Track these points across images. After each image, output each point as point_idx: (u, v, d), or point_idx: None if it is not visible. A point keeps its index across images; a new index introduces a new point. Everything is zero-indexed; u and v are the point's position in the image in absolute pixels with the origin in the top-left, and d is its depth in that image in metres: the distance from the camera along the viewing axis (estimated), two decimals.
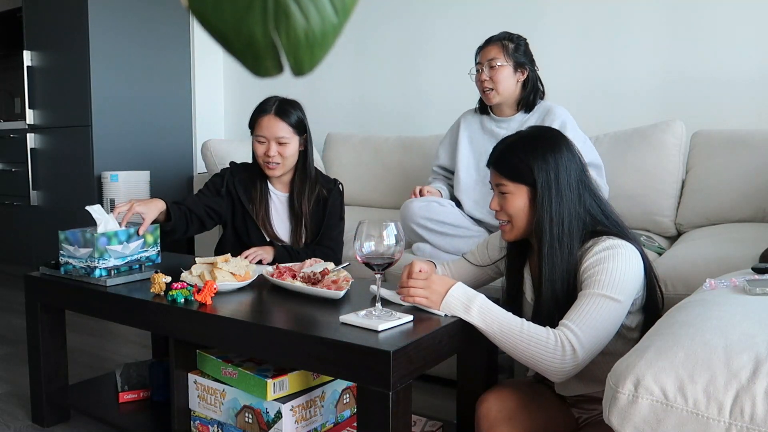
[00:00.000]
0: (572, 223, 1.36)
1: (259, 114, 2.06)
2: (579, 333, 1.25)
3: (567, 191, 1.36)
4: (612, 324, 1.29)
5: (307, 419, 1.49)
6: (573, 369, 1.26)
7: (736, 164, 2.29)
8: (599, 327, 1.26)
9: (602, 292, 1.27)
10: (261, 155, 2.05)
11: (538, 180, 1.36)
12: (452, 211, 2.17)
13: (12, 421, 1.97)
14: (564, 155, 1.38)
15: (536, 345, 1.26)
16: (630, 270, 1.30)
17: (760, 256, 1.52)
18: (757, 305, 0.99)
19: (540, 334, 1.26)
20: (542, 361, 1.26)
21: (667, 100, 2.72)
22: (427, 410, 1.83)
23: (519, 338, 1.27)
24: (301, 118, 2.09)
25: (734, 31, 2.58)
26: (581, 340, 1.25)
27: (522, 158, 1.37)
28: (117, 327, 2.91)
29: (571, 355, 1.24)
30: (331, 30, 0.33)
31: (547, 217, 1.35)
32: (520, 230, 1.42)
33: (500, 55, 2.18)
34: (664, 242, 2.31)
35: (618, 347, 1.36)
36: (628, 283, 1.30)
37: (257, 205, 2.10)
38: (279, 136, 2.03)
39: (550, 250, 1.35)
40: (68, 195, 3.68)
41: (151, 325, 1.67)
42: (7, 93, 4.08)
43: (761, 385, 0.78)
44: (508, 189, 1.40)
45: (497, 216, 1.45)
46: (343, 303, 1.52)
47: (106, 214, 1.80)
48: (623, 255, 1.31)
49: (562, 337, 1.25)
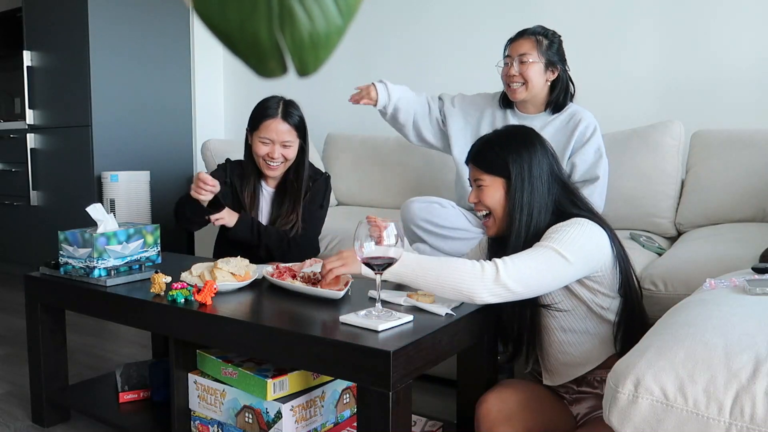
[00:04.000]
0: (541, 213, 1.44)
1: (264, 116, 2.06)
2: (509, 261, 1.31)
3: (538, 183, 1.44)
4: (552, 274, 1.31)
5: (307, 419, 1.49)
6: (496, 287, 1.28)
7: (736, 164, 2.30)
8: (535, 267, 1.30)
9: (551, 245, 1.33)
10: (263, 155, 2.07)
11: (513, 172, 1.44)
12: (452, 213, 2.16)
13: (12, 421, 1.97)
14: (537, 150, 1.47)
15: (456, 267, 1.30)
16: (587, 239, 1.35)
17: (760, 256, 1.52)
18: (757, 305, 0.99)
19: (459, 260, 1.33)
20: (462, 281, 1.29)
21: (666, 100, 2.72)
22: (427, 410, 1.83)
23: (440, 267, 1.31)
24: (303, 119, 2.12)
25: (734, 31, 2.58)
26: (508, 265, 1.29)
27: (498, 152, 1.47)
28: (117, 327, 2.91)
29: (492, 272, 1.28)
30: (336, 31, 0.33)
31: (518, 207, 1.43)
32: (500, 221, 1.49)
33: (533, 51, 2.09)
34: (664, 242, 2.31)
35: (594, 327, 1.42)
36: (581, 249, 1.33)
37: (250, 200, 2.14)
38: (285, 140, 2.06)
39: (516, 237, 1.42)
40: (68, 195, 3.68)
41: (151, 325, 1.67)
42: (7, 93, 4.08)
43: (761, 385, 0.78)
44: (485, 182, 1.48)
45: (476, 208, 1.54)
46: (343, 303, 1.52)
47: (106, 214, 1.80)
48: (585, 226, 1.37)
49: (486, 261, 1.31)
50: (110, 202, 3.42)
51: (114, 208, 3.39)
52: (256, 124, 2.08)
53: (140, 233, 1.83)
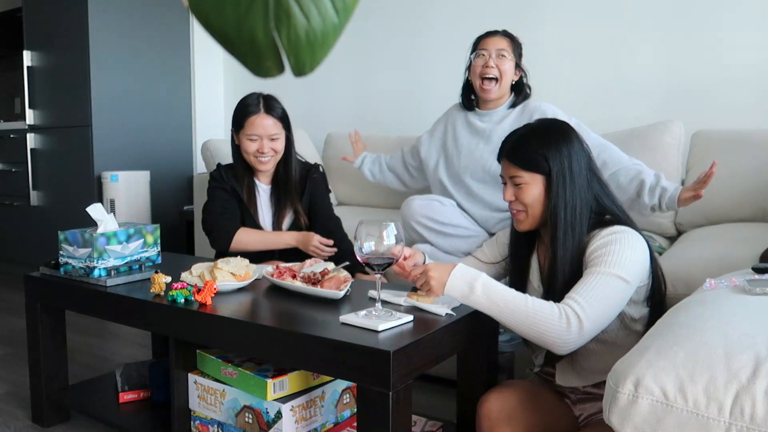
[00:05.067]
0: (583, 209, 1.40)
1: (247, 114, 2.09)
2: (584, 304, 1.27)
3: (578, 179, 1.40)
4: (616, 301, 1.31)
5: (307, 419, 1.49)
6: (578, 340, 1.27)
7: (736, 164, 2.29)
8: (604, 301, 1.28)
9: (609, 270, 1.30)
10: (252, 152, 2.10)
11: (553, 169, 1.39)
12: (452, 210, 2.17)
13: (12, 421, 1.97)
14: (575, 144, 1.42)
15: (541, 317, 1.27)
16: (636, 253, 1.33)
17: (760, 256, 1.52)
18: (757, 305, 0.99)
19: (544, 307, 1.28)
20: (548, 333, 1.27)
21: (667, 101, 2.72)
22: (427, 410, 1.83)
23: (524, 313, 1.28)
24: (285, 111, 2.15)
25: (734, 31, 2.58)
26: (586, 311, 1.26)
27: (536, 149, 1.41)
28: (117, 327, 2.91)
29: (576, 325, 1.26)
30: (332, 30, 0.33)
31: (561, 204, 1.39)
32: (535, 219, 1.45)
33: (509, 48, 2.14)
34: (665, 242, 2.31)
35: (620, 338, 1.39)
36: (634, 264, 1.32)
37: (248, 201, 2.16)
38: (271, 133, 2.09)
39: (564, 235, 1.38)
40: (68, 195, 3.68)
41: (151, 325, 1.67)
42: (7, 93, 4.08)
43: (761, 385, 0.78)
44: (524, 179, 1.42)
45: (512, 206, 1.47)
46: (343, 303, 1.52)
47: (106, 214, 1.80)
48: (629, 239, 1.34)
49: (566, 309, 1.27)
50: (110, 202, 3.42)
51: (114, 208, 3.39)
52: (241, 122, 2.10)
53: (140, 233, 1.83)
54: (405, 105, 3.43)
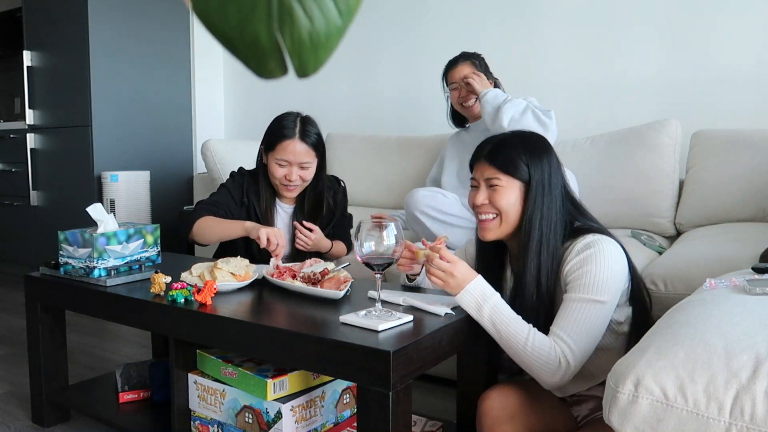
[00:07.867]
0: (557, 224, 1.40)
1: (282, 137, 1.98)
2: (573, 345, 1.30)
3: (555, 192, 1.41)
4: (600, 326, 1.33)
5: (307, 419, 1.49)
6: (563, 380, 1.32)
7: (736, 164, 2.29)
8: (589, 332, 1.31)
9: (587, 296, 1.31)
10: (280, 177, 2.00)
11: (534, 177, 1.39)
12: (454, 202, 2.23)
13: (12, 421, 1.97)
14: (554, 160, 1.43)
15: (538, 357, 1.31)
16: (612, 268, 1.34)
17: (760, 256, 1.52)
18: (757, 305, 0.99)
19: (544, 347, 1.30)
20: (539, 370, 1.32)
21: (666, 100, 2.72)
22: (427, 410, 1.83)
23: (523, 347, 1.32)
24: (321, 137, 2.05)
25: (734, 32, 2.58)
26: (574, 352, 1.30)
27: (519, 154, 1.40)
28: (117, 327, 2.91)
29: (565, 368, 1.30)
30: (335, 31, 0.33)
31: (538, 214, 1.38)
32: (508, 226, 1.42)
33: (474, 70, 2.34)
34: (665, 242, 2.31)
35: (610, 342, 1.41)
36: (611, 283, 1.33)
37: (267, 219, 2.07)
38: (302, 161, 1.99)
39: (537, 247, 1.38)
40: (68, 195, 3.68)
41: (151, 325, 1.67)
42: (7, 93, 4.08)
43: (761, 385, 0.78)
44: (501, 182, 1.41)
45: (482, 210, 1.44)
46: (343, 303, 1.52)
47: (106, 214, 1.80)
48: (604, 253, 1.34)
49: (559, 351, 1.30)
50: (110, 202, 3.42)
51: (114, 208, 3.39)
52: (272, 144, 1.99)
53: (140, 233, 1.83)
54: (406, 105, 3.43)
